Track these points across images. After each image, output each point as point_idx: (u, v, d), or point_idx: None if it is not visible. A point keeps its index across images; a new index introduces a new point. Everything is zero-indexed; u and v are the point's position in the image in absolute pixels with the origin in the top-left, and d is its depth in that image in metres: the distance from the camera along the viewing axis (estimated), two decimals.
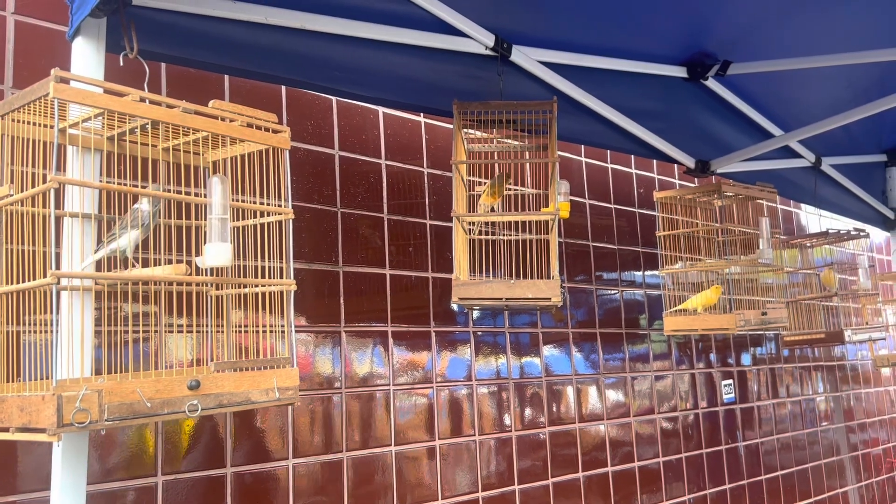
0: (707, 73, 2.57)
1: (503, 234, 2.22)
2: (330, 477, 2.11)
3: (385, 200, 2.38)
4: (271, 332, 1.46)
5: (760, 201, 2.85)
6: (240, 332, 1.66)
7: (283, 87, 2.17)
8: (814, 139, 3.12)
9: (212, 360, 1.40)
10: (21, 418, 1.10)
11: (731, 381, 3.64)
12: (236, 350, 1.60)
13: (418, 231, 2.46)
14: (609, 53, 2.39)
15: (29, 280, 1.19)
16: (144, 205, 1.30)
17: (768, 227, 2.81)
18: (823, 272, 3.41)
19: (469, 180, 2.53)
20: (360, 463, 2.18)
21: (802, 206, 4.41)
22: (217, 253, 1.26)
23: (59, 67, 1.12)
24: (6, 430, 1.14)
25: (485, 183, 2.19)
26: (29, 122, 1.24)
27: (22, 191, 1.18)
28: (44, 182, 1.12)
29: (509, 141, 2.29)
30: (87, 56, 1.37)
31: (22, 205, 1.21)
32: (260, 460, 1.97)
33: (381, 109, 2.41)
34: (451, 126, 2.59)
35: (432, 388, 2.41)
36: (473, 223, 2.11)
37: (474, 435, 2.50)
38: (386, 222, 2.37)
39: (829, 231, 3.41)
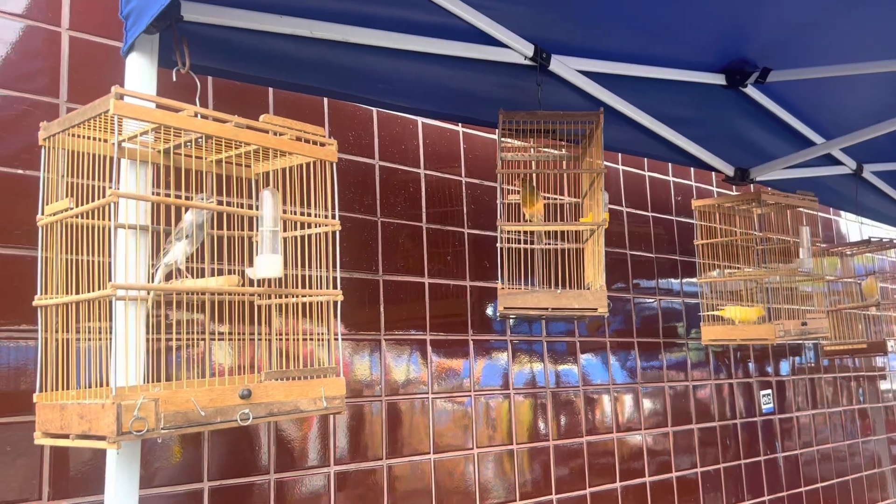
0: (746, 81, 2.55)
1: (543, 243, 2.22)
2: (370, 484, 2.13)
3: (424, 209, 2.39)
4: (319, 341, 1.48)
5: (800, 209, 2.82)
6: (286, 340, 1.68)
7: (325, 99, 2.20)
8: (854, 146, 3.08)
9: (259, 369, 1.42)
10: (81, 426, 1.13)
11: (769, 392, 3.59)
12: (284, 359, 1.63)
13: (456, 240, 2.47)
14: (647, 62, 2.38)
15: (82, 290, 1.22)
16: (188, 215, 1.33)
17: (809, 235, 2.77)
18: (865, 281, 3.36)
19: (504, 188, 2.54)
20: (400, 470, 2.20)
21: (842, 213, 4.35)
22: (268, 264, 1.28)
23: (112, 82, 1.15)
24: (66, 436, 1.17)
25: (517, 191, 2.20)
26: (84, 137, 1.28)
27: (78, 204, 1.21)
28: (101, 195, 1.16)
29: (546, 150, 2.29)
30: (140, 71, 1.41)
31: (82, 217, 1.24)
32: (302, 467, 2.00)
33: (420, 119, 2.43)
34: (488, 135, 2.61)
35: (470, 395, 2.42)
36: (508, 232, 2.12)
37: (512, 443, 2.50)
38: (425, 231, 2.38)
39: (871, 239, 3.36)
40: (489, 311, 2.53)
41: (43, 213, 1.26)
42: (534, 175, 2.22)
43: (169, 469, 1.77)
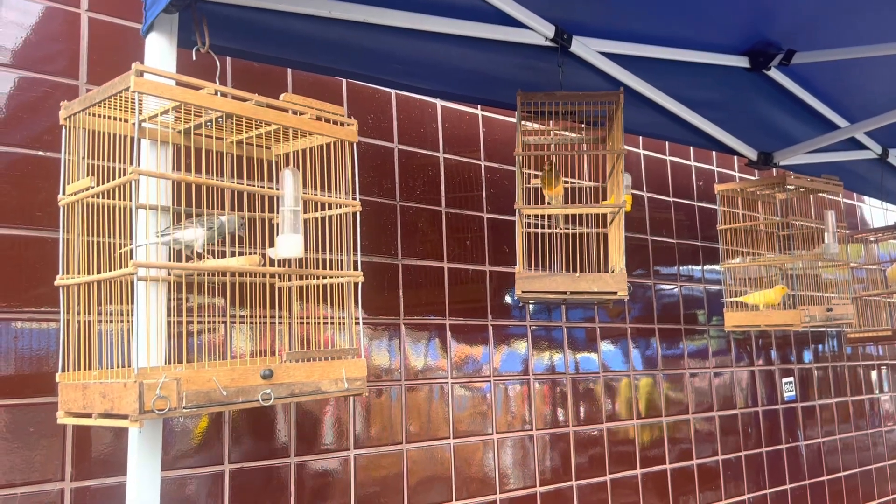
0: (770, 63, 2.51)
1: (562, 228, 2.20)
2: (389, 468, 2.12)
3: (443, 193, 2.38)
4: (335, 323, 1.47)
5: (824, 194, 2.77)
6: (306, 323, 1.68)
7: (344, 81, 2.19)
8: (880, 130, 3.02)
9: (280, 350, 1.42)
10: (103, 404, 1.13)
11: (791, 379, 3.55)
12: (304, 341, 1.62)
13: (475, 224, 2.45)
14: (670, 43, 2.35)
15: (102, 271, 1.22)
16: (225, 218, 1.30)
17: (834, 220, 2.73)
18: (890, 267, 3.31)
19: (526, 173, 2.51)
20: (419, 455, 2.19)
21: (866, 199, 4.29)
22: (289, 244, 1.27)
23: (132, 63, 1.14)
24: (88, 415, 1.17)
25: (537, 174, 2.18)
26: (105, 116, 1.27)
27: (98, 184, 1.21)
28: (122, 175, 1.15)
29: (566, 133, 2.26)
30: (160, 51, 1.40)
31: (102, 197, 1.24)
32: (322, 451, 2.00)
33: (439, 102, 2.41)
34: (507, 118, 2.58)
35: (489, 381, 2.41)
36: (532, 216, 2.10)
37: (531, 429, 2.49)
38: (444, 215, 2.37)
39: None
40: (508, 298, 2.51)
41: (64, 193, 1.26)
42: (557, 158, 2.19)
43: (190, 451, 1.78)
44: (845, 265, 2.82)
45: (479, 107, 2.52)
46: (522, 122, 2.06)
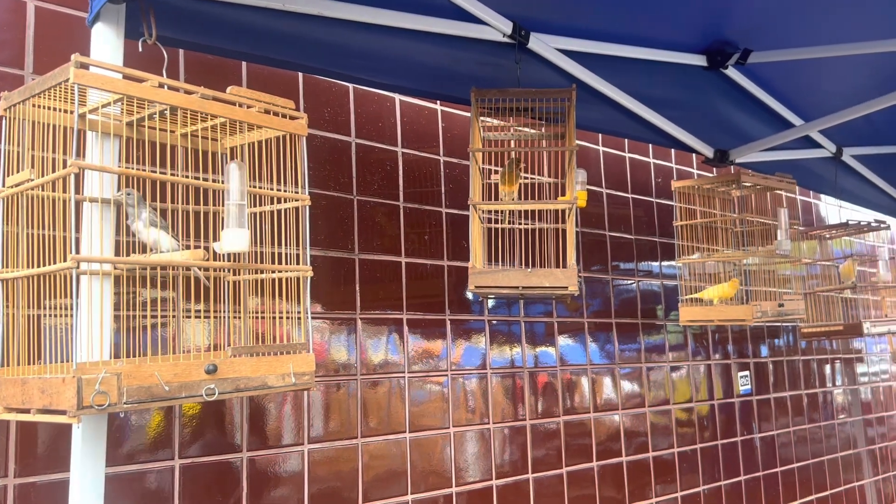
0: (727, 62, 2.54)
1: (519, 224, 2.21)
2: (345, 463, 2.12)
3: (401, 188, 2.38)
4: (288, 318, 1.47)
5: (779, 192, 2.83)
6: (256, 318, 1.67)
7: (301, 74, 2.17)
8: (835, 129, 3.08)
9: (228, 345, 1.41)
10: (42, 400, 1.11)
11: (747, 373, 3.61)
12: (253, 336, 1.61)
13: (434, 219, 2.45)
14: (628, 41, 2.37)
15: (49, 265, 1.20)
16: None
17: (787, 217, 2.78)
18: (844, 264, 3.38)
19: (486, 168, 2.52)
20: (375, 449, 2.20)
21: (822, 196, 4.37)
22: (234, 238, 1.26)
23: (79, 53, 1.12)
24: (27, 411, 1.15)
25: (499, 171, 2.19)
26: (48, 108, 1.25)
27: (42, 176, 1.19)
28: (64, 167, 1.13)
29: (525, 129, 2.27)
30: (106, 42, 1.38)
31: (42, 189, 1.22)
32: (275, 445, 1.99)
33: (397, 97, 2.41)
34: (467, 114, 2.59)
35: (447, 375, 2.42)
36: (490, 211, 2.11)
37: (488, 423, 2.51)
38: (402, 210, 2.37)
39: (850, 222, 3.37)
40: (467, 293, 2.52)
41: (3, 185, 1.24)
42: (522, 154, 2.20)
43: (138, 447, 1.76)
44: (797, 261, 2.87)
45: (438, 102, 2.53)
46: (481, 119, 2.06)
